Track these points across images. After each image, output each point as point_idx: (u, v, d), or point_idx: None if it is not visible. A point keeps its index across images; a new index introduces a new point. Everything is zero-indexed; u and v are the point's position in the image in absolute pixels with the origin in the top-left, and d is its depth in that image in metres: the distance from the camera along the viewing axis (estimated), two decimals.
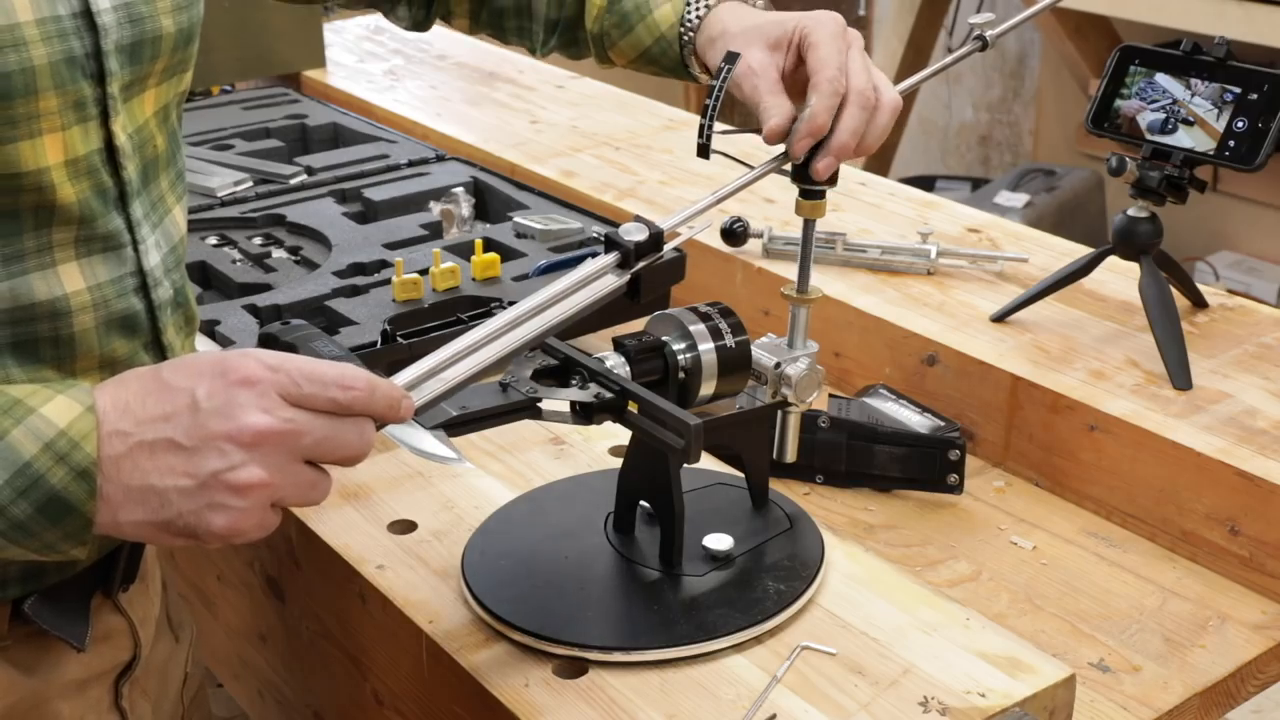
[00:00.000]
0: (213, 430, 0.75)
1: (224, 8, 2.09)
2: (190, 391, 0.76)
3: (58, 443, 0.74)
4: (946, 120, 4.43)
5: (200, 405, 0.75)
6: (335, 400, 0.77)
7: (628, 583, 0.96)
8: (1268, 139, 1.23)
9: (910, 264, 1.47)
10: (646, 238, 0.89)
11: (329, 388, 0.77)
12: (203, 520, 0.75)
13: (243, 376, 0.76)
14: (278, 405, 0.76)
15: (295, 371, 0.77)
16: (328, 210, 1.55)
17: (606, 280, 0.89)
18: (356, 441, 0.78)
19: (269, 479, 0.75)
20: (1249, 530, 1.12)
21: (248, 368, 0.76)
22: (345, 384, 0.77)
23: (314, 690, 1.18)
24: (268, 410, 0.75)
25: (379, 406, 0.78)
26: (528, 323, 0.87)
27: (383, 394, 0.79)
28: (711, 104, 1.00)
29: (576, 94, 2.11)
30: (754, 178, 0.99)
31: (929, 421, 1.27)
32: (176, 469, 0.75)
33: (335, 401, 0.77)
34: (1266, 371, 1.27)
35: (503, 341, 0.86)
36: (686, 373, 0.97)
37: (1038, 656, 0.90)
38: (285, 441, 0.76)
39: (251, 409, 0.75)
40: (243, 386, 0.76)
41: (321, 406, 0.77)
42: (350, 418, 0.78)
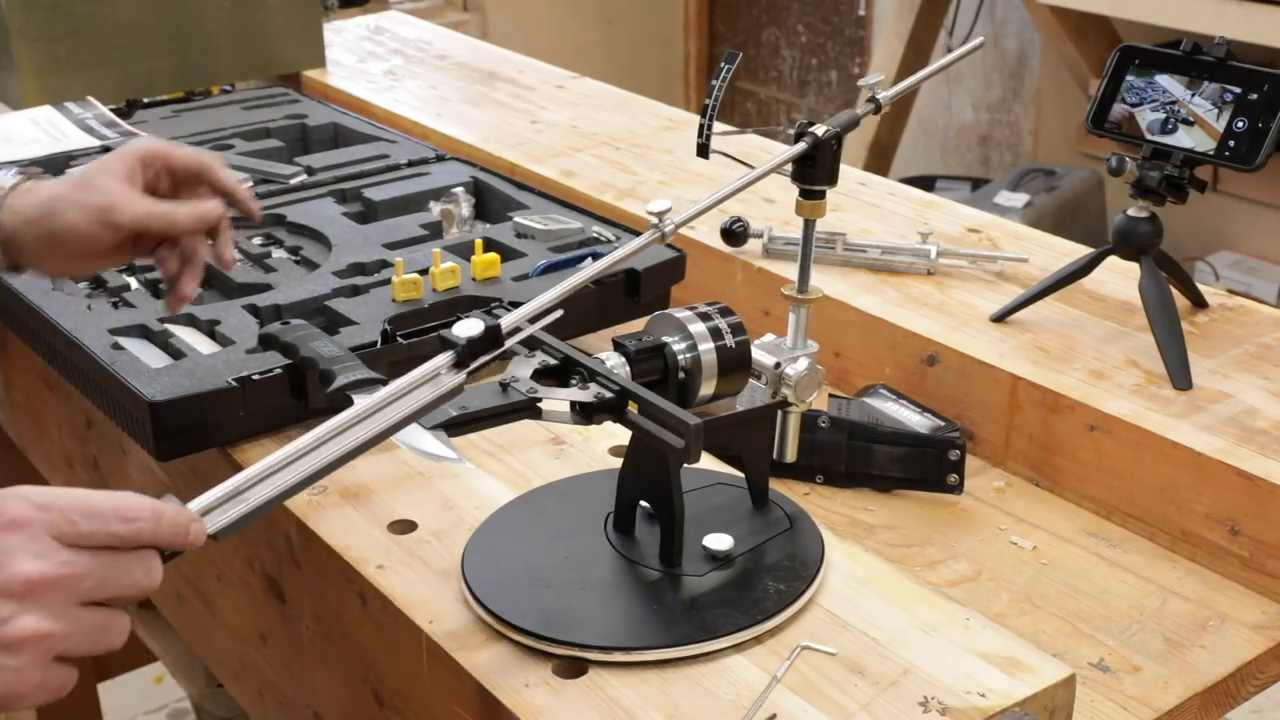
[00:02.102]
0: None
1: (224, 8, 2.09)
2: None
3: None
4: (946, 120, 4.43)
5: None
6: (116, 534, 0.72)
7: (628, 583, 0.96)
8: (1268, 139, 1.23)
9: (910, 264, 1.47)
10: (482, 333, 0.84)
11: (108, 522, 0.72)
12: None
13: (8, 520, 0.70)
14: (51, 548, 0.70)
15: (68, 508, 0.71)
16: (328, 210, 1.55)
17: (443, 380, 0.84)
18: (143, 578, 0.73)
19: (48, 628, 0.69)
20: (1249, 530, 1.12)
21: (13, 509, 0.70)
22: (126, 516, 0.72)
23: (314, 690, 1.18)
24: (40, 555, 0.69)
25: (165, 535, 0.73)
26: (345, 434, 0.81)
27: (169, 521, 0.74)
28: (711, 104, 1.00)
29: (576, 94, 2.11)
30: (756, 177, 0.98)
31: (929, 421, 1.27)
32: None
33: (116, 535, 0.72)
34: (1266, 371, 1.27)
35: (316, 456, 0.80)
36: (686, 373, 0.97)
37: (1038, 656, 0.90)
38: (62, 586, 0.70)
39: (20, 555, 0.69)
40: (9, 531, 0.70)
41: (101, 543, 0.71)
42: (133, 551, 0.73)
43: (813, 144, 0.99)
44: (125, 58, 2.02)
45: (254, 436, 1.19)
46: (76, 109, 1.88)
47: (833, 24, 4.77)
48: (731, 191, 0.98)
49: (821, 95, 4.88)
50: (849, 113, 1.02)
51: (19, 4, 1.91)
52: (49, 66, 1.96)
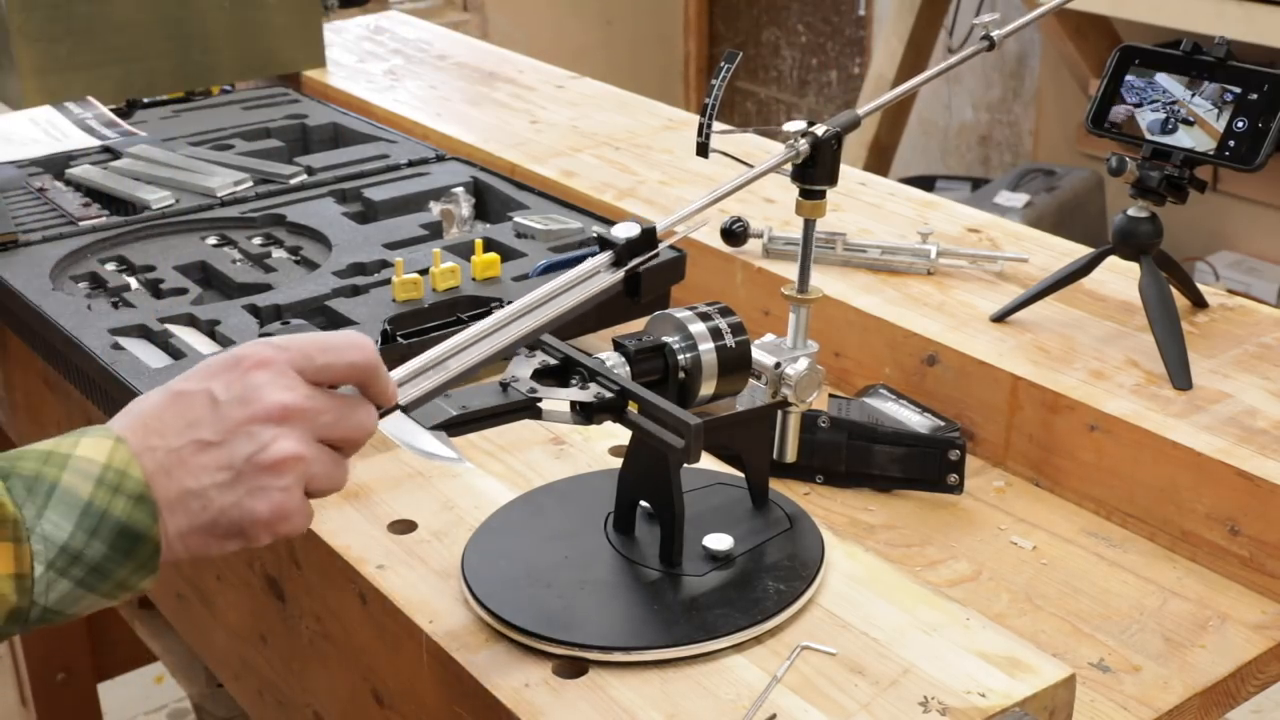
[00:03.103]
0: (237, 418, 0.76)
1: (224, 8, 2.09)
2: (206, 391, 0.77)
3: (106, 475, 0.74)
4: (946, 120, 4.43)
5: (219, 399, 0.76)
6: (351, 363, 0.79)
7: (628, 583, 0.96)
8: (1268, 139, 1.23)
9: (910, 264, 1.47)
10: (639, 234, 0.89)
11: (342, 353, 0.79)
12: (246, 511, 0.76)
13: (256, 361, 0.77)
14: (296, 382, 0.77)
15: (307, 344, 0.79)
16: (328, 210, 1.55)
17: (601, 278, 0.89)
18: (366, 419, 0.80)
19: (303, 451, 0.77)
20: (1249, 530, 1.12)
21: (259, 353, 0.78)
22: (357, 345, 0.79)
23: (314, 690, 1.18)
24: (289, 387, 0.77)
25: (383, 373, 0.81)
26: (523, 319, 0.87)
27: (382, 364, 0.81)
28: (711, 103, 1.00)
29: (576, 94, 2.11)
30: (754, 176, 0.99)
31: (929, 421, 1.27)
32: (209, 466, 0.76)
33: (351, 364, 0.79)
34: (1266, 371, 1.27)
35: (498, 337, 0.86)
36: (686, 373, 0.97)
37: (1038, 656, 0.90)
38: (308, 417, 0.77)
39: (272, 387, 0.76)
40: (258, 369, 0.77)
41: (336, 374, 0.79)
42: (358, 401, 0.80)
43: (812, 144, 0.99)
44: (125, 58, 2.02)
45: None
46: (76, 109, 1.88)
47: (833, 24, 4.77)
48: (729, 191, 0.98)
49: (821, 95, 4.88)
50: (849, 113, 1.02)
51: (19, 4, 1.91)
52: (49, 66, 1.96)
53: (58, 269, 1.40)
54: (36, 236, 1.46)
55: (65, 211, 1.53)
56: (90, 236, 1.47)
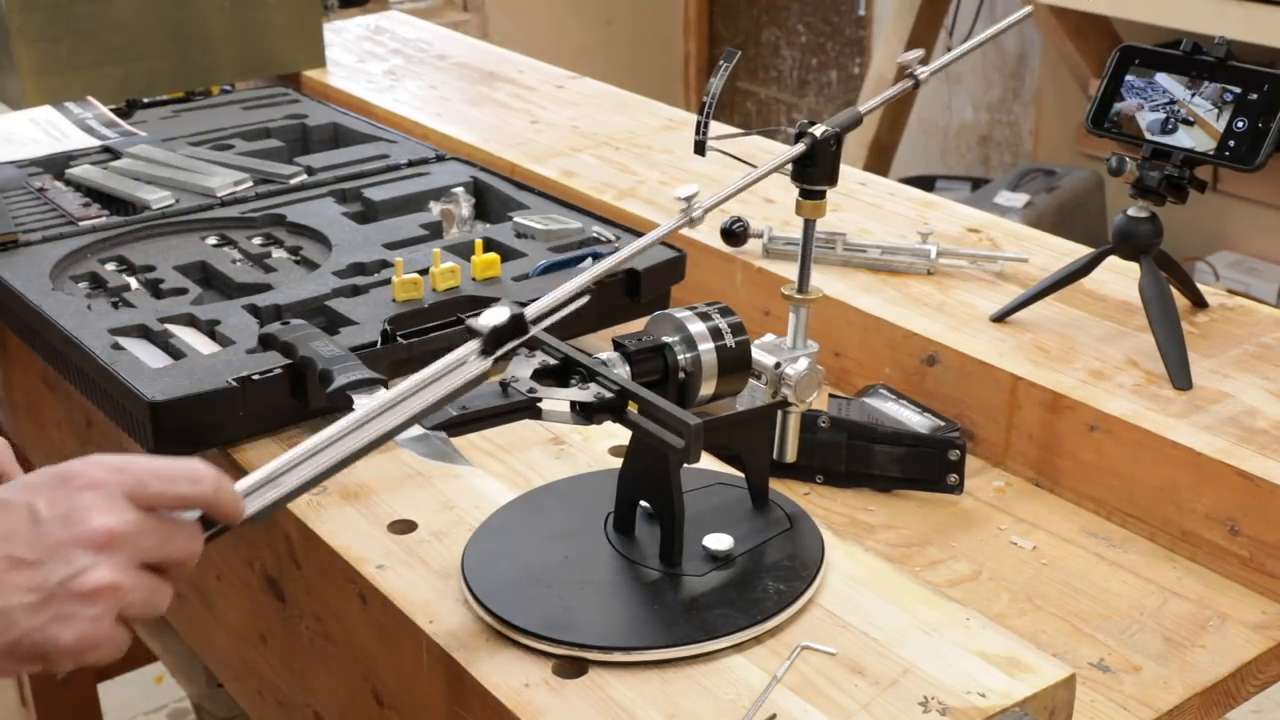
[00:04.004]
0: (57, 538, 0.73)
1: (224, 8, 2.09)
2: (28, 505, 0.74)
3: None
4: (946, 120, 4.43)
5: (41, 516, 0.73)
6: (182, 495, 0.76)
7: (628, 583, 0.96)
8: (1268, 139, 1.23)
9: (910, 264, 1.47)
10: (507, 321, 0.84)
11: (176, 483, 0.76)
12: (50, 636, 0.73)
13: (87, 481, 0.75)
14: (123, 506, 0.74)
15: (141, 470, 0.76)
16: (328, 210, 1.55)
17: (469, 367, 0.84)
18: (188, 543, 0.77)
19: (119, 580, 0.73)
20: (1249, 530, 1.12)
21: (90, 473, 0.75)
22: (193, 478, 0.77)
23: (314, 690, 1.18)
24: (114, 511, 0.74)
25: (224, 502, 0.78)
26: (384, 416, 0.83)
27: (227, 490, 0.78)
28: (709, 101, 1.00)
29: (576, 94, 2.11)
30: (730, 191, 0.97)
31: (929, 421, 1.27)
32: (20, 585, 0.72)
33: (182, 496, 0.76)
34: (1266, 371, 1.27)
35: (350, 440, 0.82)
36: (686, 373, 0.97)
37: (1038, 656, 0.90)
38: (129, 541, 0.74)
39: (97, 511, 0.74)
40: (87, 490, 0.74)
41: (169, 503, 0.76)
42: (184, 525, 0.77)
43: (811, 144, 0.99)
44: (125, 58, 2.02)
45: (254, 436, 1.19)
46: (76, 109, 1.88)
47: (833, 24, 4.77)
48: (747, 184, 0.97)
49: (821, 95, 4.88)
50: (850, 111, 1.02)
51: (19, 4, 1.91)
52: (49, 66, 1.96)
53: (58, 269, 1.40)
54: (36, 236, 1.46)
55: (65, 211, 1.53)
56: (90, 236, 1.47)
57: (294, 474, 0.81)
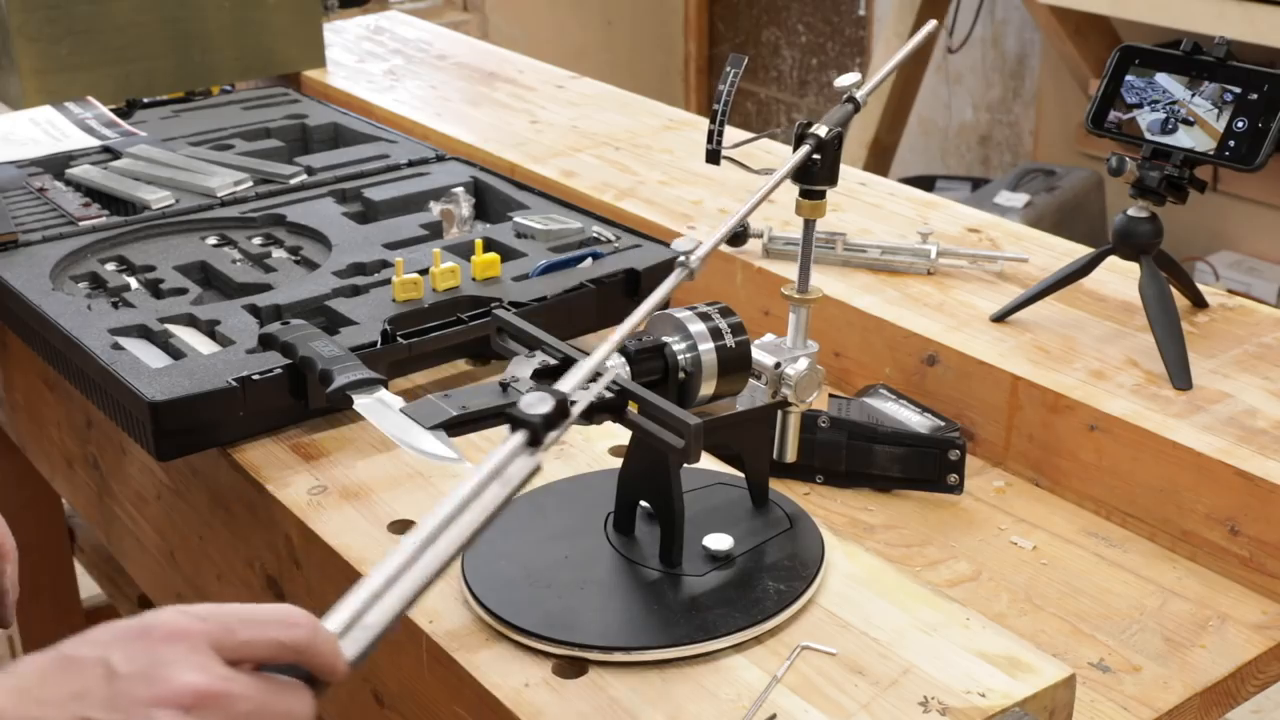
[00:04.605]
0: (137, 696, 0.64)
1: (224, 8, 2.09)
2: (103, 661, 0.65)
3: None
4: (946, 120, 4.43)
5: (118, 672, 0.65)
6: (276, 641, 0.68)
7: (628, 583, 0.96)
8: (1268, 139, 1.23)
9: (910, 264, 1.47)
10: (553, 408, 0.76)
11: (267, 628, 0.68)
12: None
13: (168, 632, 0.66)
14: (213, 660, 0.66)
15: (228, 616, 0.68)
16: (328, 210, 1.55)
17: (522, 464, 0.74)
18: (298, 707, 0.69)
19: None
20: (1249, 530, 1.12)
21: (172, 622, 0.67)
22: (287, 622, 0.69)
23: None
24: (202, 667, 0.65)
25: (322, 648, 0.69)
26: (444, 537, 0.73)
27: (325, 635, 0.69)
28: (721, 109, 1.00)
29: (576, 94, 2.11)
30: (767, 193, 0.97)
31: (929, 421, 1.27)
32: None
33: (276, 642, 0.68)
34: (1266, 371, 1.27)
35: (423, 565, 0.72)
36: (686, 373, 0.97)
37: (1038, 656, 0.90)
38: (223, 703, 0.65)
39: (183, 666, 0.65)
40: (170, 642, 0.66)
41: (260, 652, 0.68)
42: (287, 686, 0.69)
43: (816, 145, 0.99)
44: (125, 58, 2.02)
45: (254, 436, 1.19)
46: (76, 109, 1.88)
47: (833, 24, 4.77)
48: (754, 205, 0.97)
49: (821, 95, 4.88)
50: (840, 108, 1.02)
51: (19, 4, 1.91)
52: (49, 66, 1.96)
53: (58, 269, 1.40)
54: (36, 236, 1.46)
55: (65, 211, 1.53)
56: (90, 236, 1.47)
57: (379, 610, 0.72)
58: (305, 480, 1.13)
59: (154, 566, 1.47)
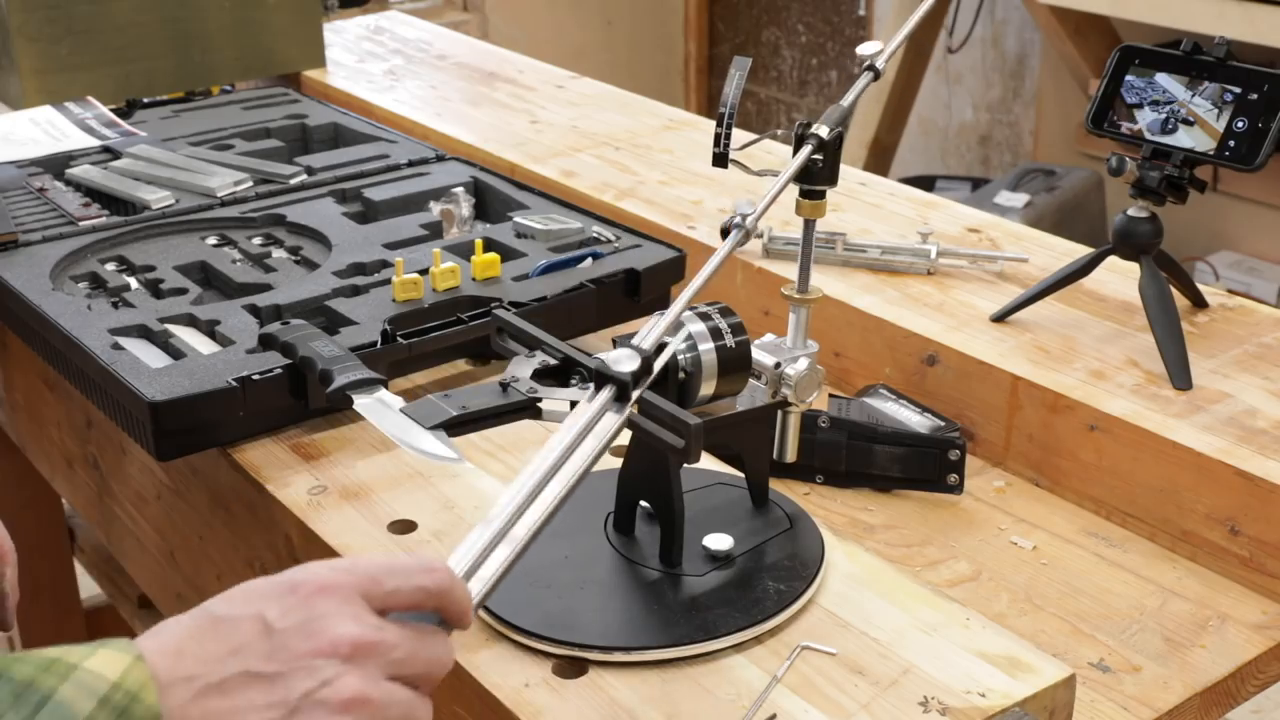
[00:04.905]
0: (297, 649, 0.67)
1: (224, 8, 2.09)
2: (257, 617, 0.68)
3: (114, 696, 0.63)
4: (946, 120, 4.43)
5: (274, 627, 0.68)
6: (421, 587, 0.71)
7: (628, 583, 0.96)
8: (1268, 139, 1.23)
9: (910, 264, 1.47)
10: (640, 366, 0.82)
11: (412, 576, 0.71)
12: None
13: (318, 586, 0.69)
14: (364, 611, 0.69)
15: (373, 568, 0.70)
16: (328, 210, 1.55)
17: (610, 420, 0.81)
18: (443, 654, 0.72)
19: (370, 693, 0.67)
20: (1249, 530, 1.12)
21: (320, 577, 0.69)
22: (428, 568, 0.71)
23: None
24: (356, 617, 0.68)
25: (459, 594, 0.72)
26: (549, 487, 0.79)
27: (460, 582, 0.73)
28: (727, 113, 1.00)
29: (576, 94, 2.11)
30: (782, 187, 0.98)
31: (929, 421, 1.27)
32: (258, 702, 0.66)
33: (422, 589, 0.71)
34: (1266, 371, 1.27)
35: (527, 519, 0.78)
36: (686, 373, 0.96)
37: (1038, 656, 0.90)
38: (377, 651, 0.68)
39: (338, 618, 0.68)
40: (322, 596, 0.69)
41: (407, 599, 0.71)
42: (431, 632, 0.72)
43: (818, 145, 0.99)
44: (125, 58, 2.02)
45: (254, 436, 1.19)
46: (76, 109, 1.88)
47: (833, 24, 4.77)
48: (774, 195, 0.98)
49: (821, 95, 4.88)
50: (837, 107, 1.02)
51: (19, 4, 1.91)
52: (49, 66, 1.96)
53: (58, 269, 1.40)
54: (36, 236, 1.46)
55: (65, 211, 1.53)
56: (90, 236, 1.47)
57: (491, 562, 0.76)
58: (305, 480, 1.13)
59: (154, 566, 1.47)
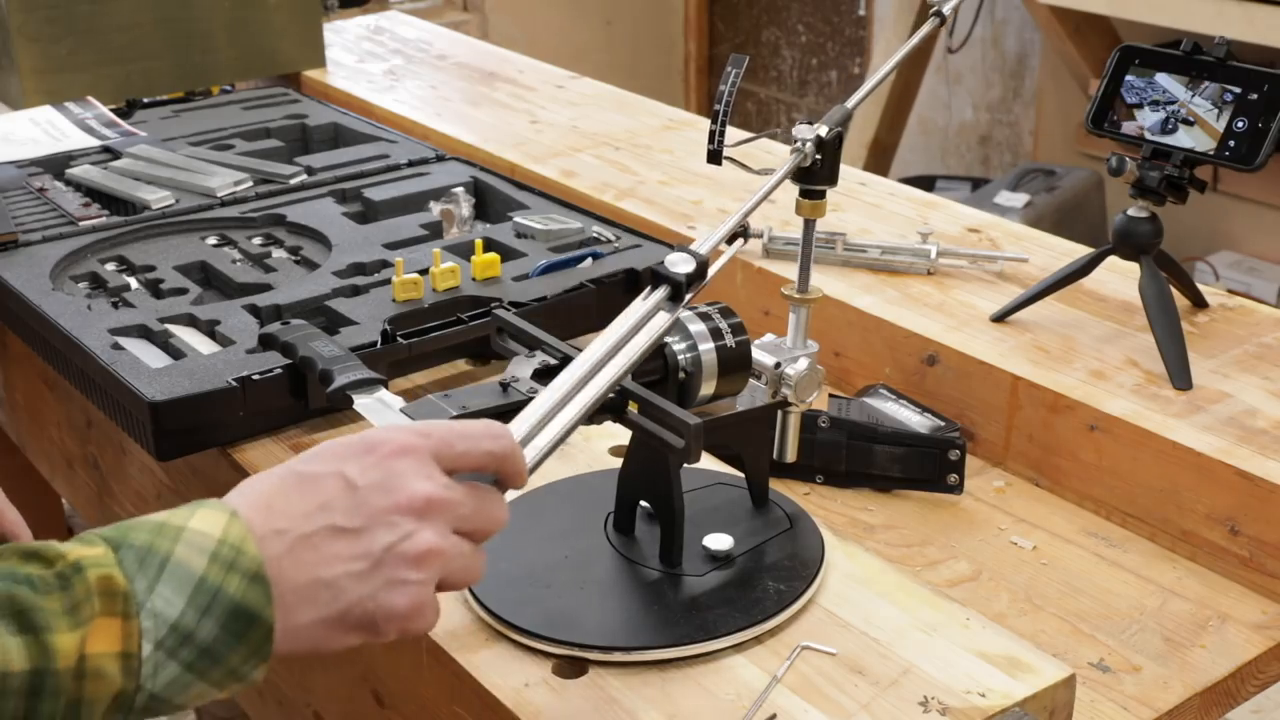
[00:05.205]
0: (378, 506, 0.72)
1: (224, 8, 2.09)
2: (339, 475, 0.73)
3: (221, 551, 0.69)
4: (946, 120, 4.43)
5: (356, 484, 0.73)
6: (489, 452, 0.76)
7: (628, 583, 0.96)
8: (1268, 139, 1.23)
9: (910, 264, 1.47)
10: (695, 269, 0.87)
11: (480, 441, 0.76)
12: (382, 603, 0.72)
13: (396, 447, 0.74)
14: (437, 471, 0.74)
15: (446, 432, 0.75)
16: (328, 210, 1.55)
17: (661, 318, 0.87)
18: (500, 513, 0.77)
19: (442, 546, 0.73)
20: (1249, 530, 1.12)
21: (398, 439, 0.74)
22: (494, 434, 0.76)
23: (314, 690, 1.18)
24: (429, 477, 0.74)
25: (518, 458, 0.77)
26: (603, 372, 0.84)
27: (519, 448, 0.78)
28: (722, 110, 1.00)
29: (576, 94, 2.11)
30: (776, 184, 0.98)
31: (929, 421, 1.27)
32: (343, 554, 0.71)
33: (489, 453, 0.76)
34: (1266, 371, 1.27)
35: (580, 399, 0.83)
36: (686, 373, 0.97)
37: (1038, 656, 0.90)
38: (448, 508, 0.74)
39: (414, 476, 0.73)
40: (399, 457, 0.74)
41: (474, 463, 0.76)
42: (491, 493, 0.77)
43: (818, 146, 0.99)
44: (125, 58, 2.02)
45: (254, 436, 1.19)
46: (76, 109, 1.88)
47: (833, 24, 4.77)
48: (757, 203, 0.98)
49: (821, 95, 4.88)
50: (839, 108, 1.02)
51: (19, 4, 1.91)
52: (49, 66, 1.96)
53: (58, 269, 1.40)
54: (36, 236, 1.46)
55: (65, 211, 1.53)
56: (90, 236, 1.47)
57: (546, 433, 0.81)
58: None
59: None
